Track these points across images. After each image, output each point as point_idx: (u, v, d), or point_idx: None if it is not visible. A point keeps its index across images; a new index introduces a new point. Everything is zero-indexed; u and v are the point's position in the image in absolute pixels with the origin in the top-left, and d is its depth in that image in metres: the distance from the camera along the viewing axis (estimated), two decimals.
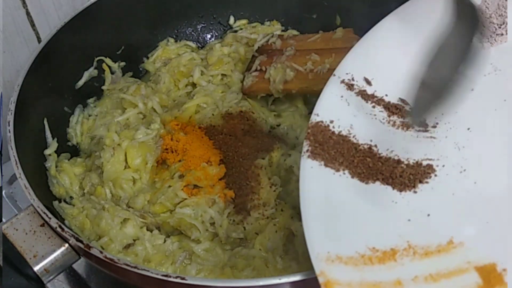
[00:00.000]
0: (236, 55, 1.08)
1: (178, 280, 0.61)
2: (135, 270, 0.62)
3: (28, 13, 1.09)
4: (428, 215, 0.63)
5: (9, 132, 0.77)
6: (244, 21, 1.16)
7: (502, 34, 0.77)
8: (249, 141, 0.91)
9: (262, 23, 1.15)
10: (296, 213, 0.81)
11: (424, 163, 0.67)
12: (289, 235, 0.79)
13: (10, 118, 0.79)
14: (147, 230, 0.82)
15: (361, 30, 0.93)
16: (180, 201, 0.84)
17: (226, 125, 0.93)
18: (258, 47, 1.04)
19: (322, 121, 0.73)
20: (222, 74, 1.04)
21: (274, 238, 0.78)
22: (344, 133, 0.72)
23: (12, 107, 0.80)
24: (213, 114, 0.95)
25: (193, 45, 1.15)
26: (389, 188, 0.66)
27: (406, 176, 0.66)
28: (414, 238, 0.60)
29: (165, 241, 0.81)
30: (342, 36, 0.97)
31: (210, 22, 1.16)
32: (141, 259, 0.78)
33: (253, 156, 0.89)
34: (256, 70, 1.01)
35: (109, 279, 0.88)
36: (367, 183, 0.67)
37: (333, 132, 0.72)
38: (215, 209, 0.82)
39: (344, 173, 0.68)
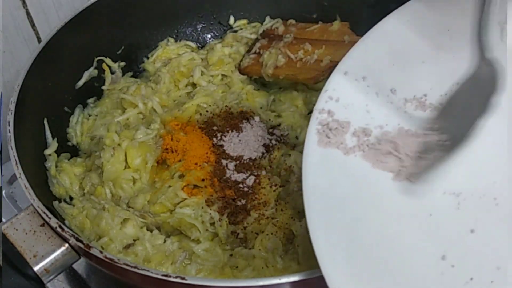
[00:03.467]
0: (236, 56, 1.08)
1: (178, 280, 0.61)
2: (135, 270, 0.62)
3: (28, 13, 1.09)
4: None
5: (9, 132, 0.77)
6: (244, 21, 1.16)
7: None
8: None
9: (262, 23, 1.15)
10: (296, 213, 0.81)
11: None
12: (289, 235, 0.79)
13: (10, 118, 0.79)
14: (147, 230, 0.82)
15: (362, 30, 0.93)
16: (180, 201, 0.84)
17: (226, 125, 0.93)
18: (263, 31, 1.10)
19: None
20: (222, 75, 1.05)
21: (274, 238, 0.78)
22: None
23: (12, 107, 0.80)
24: (213, 114, 0.95)
25: (193, 45, 1.15)
26: None
27: None
28: None
29: (165, 241, 0.81)
30: (337, 30, 0.99)
31: (210, 22, 1.16)
32: (141, 259, 0.78)
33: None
34: (254, 52, 1.05)
35: (109, 279, 0.88)
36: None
37: None
38: (215, 209, 0.82)
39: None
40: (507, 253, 0.57)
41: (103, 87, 1.05)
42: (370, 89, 0.71)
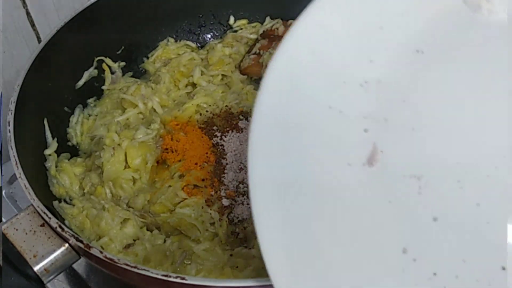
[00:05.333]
0: (237, 56, 1.08)
1: (178, 280, 0.61)
2: (135, 270, 0.62)
3: (28, 13, 1.09)
4: None
5: (9, 132, 0.77)
6: (244, 21, 1.16)
7: None
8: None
9: (262, 23, 1.15)
10: None
11: None
12: None
13: (10, 118, 0.79)
14: (147, 230, 0.82)
15: None
16: (180, 201, 0.84)
17: (226, 125, 0.93)
18: (263, 31, 1.09)
19: None
20: (222, 75, 1.05)
21: None
22: None
23: (12, 107, 0.80)
24: (213, 114, 0.95)
25: (193, 45, 1.15)
26: None
27: None
28: None
29: (165, 241, 0.81)
30: None
31: (210, 22, 1.17)
32: (141, 259, 0.78)
33: None
34: (255, 53, 1.05)
35: (109, 279, 0.88)
36: None
37: None
38: (215, 209, 0.82)
39: None
40: (472, 244, 0.52)
41: (103, 87, 1.05)
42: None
